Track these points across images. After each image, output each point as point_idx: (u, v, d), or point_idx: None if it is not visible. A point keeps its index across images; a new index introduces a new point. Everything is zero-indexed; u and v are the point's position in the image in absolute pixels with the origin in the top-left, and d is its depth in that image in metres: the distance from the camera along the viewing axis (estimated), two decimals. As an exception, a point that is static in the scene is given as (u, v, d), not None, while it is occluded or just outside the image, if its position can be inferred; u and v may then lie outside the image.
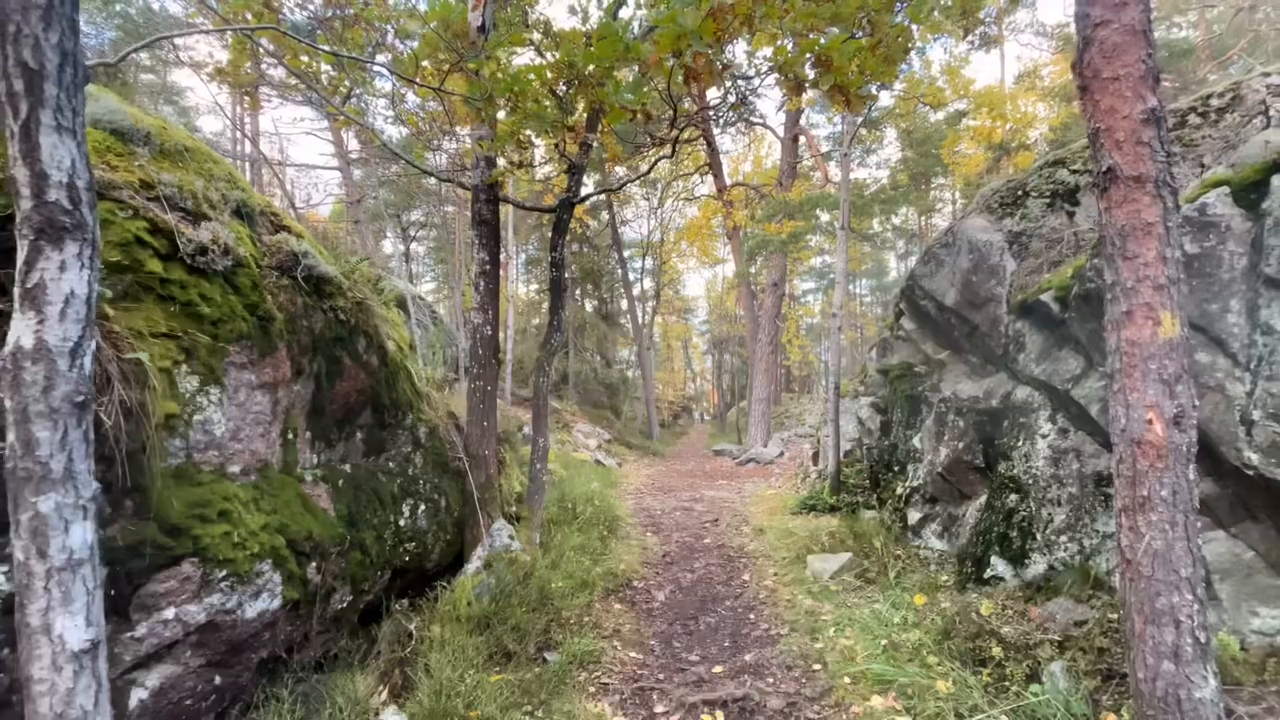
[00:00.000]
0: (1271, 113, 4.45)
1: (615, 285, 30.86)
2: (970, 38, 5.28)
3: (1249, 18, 15.41)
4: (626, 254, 29.97)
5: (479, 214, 5.53)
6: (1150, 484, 2.57)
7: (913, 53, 5.34)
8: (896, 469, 6.76)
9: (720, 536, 7.88)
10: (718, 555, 6.98)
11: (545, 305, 27.23)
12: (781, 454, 17.00)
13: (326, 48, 4.98)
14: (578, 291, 29.30)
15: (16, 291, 1.10)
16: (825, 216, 13.94)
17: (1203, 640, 2.54)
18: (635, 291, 31.14)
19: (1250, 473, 3.00)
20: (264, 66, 12.03)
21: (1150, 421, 2.56)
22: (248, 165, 17.69)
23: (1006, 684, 3.50)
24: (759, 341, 18.98)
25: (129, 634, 2.45)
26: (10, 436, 1.13)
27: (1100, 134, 2.68)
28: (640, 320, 29.76)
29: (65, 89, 1.09)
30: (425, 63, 4.89)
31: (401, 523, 4.40)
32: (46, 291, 1.08)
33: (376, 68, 5.93)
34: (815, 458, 11.18)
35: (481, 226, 5.50)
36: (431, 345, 7.00)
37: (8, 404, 1.08)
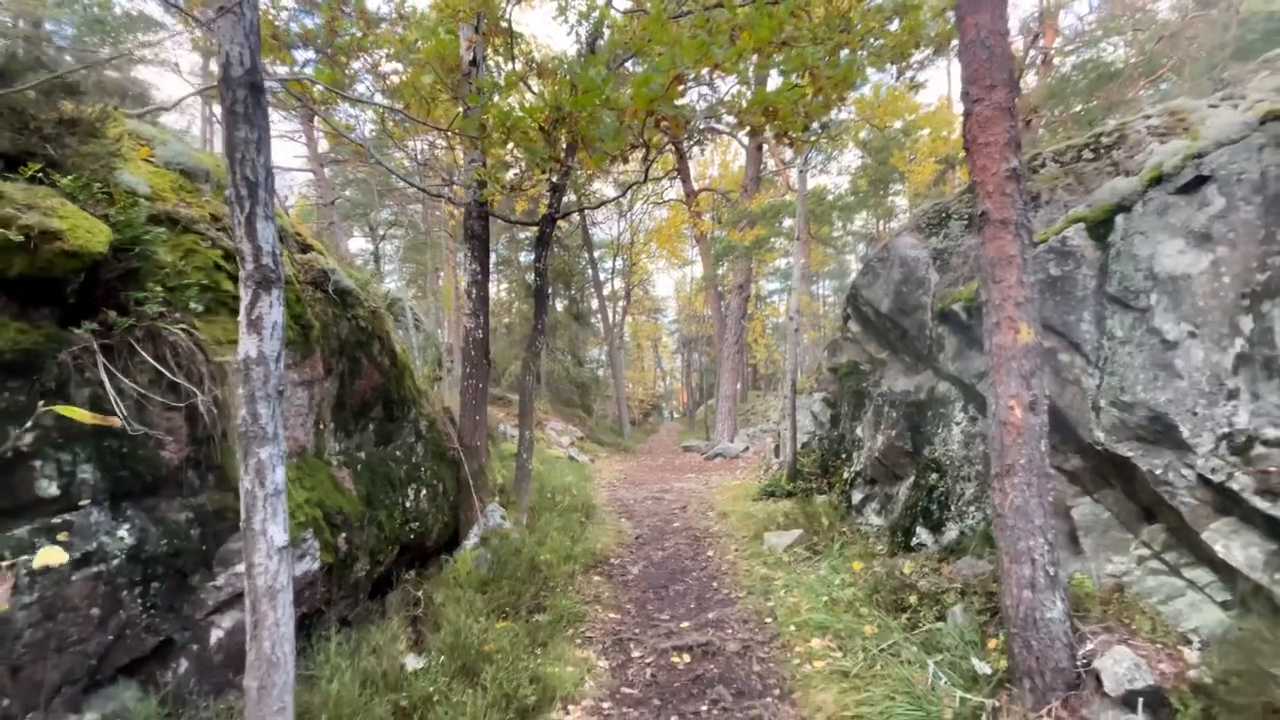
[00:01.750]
0: (1140, 153, 5.36)
1: (586, 285, 31.37)
2: (903, 79, 6.06)
3: (1173, 43, 16.79)
4: (597, 254, 30.52)
5: (470, 229, 6.12)
6: (1013, 455, 3.36)
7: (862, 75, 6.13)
8: (844, 457, 7.59)
9: (688, 521, 8.62)
10: (685, 536, 7.71)
11: (515, 306, 27.56)
12: (747, 449, 17.86)
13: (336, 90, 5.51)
14: (549, 291, 29.74)
15: (243, 321, 1.70)
16: (788, 222, 14.82)
17: (1052, 574, 3.34)
18: (606, 291, 31.69)
19: (1100, 449, 3.83)
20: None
21: (1012, 407, 3.35)
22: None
23: (919, 624, 4.28)
24: (726, 341, 19.81)
25: (211, 583, 3.03)
26: (243, 411, 1.73)
27: (977, 185, 3.46)
28: (611, 320, 30.36)
29: (268, 192, 1.68)
30: (426, 77, 5.45)
31: (407, 504, 4.99)
32: (262, 322, 1.69)
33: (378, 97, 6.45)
34: (776, 450, 12.01)
35: (473, 241, 6.10)
36: (421, 347, 7.56)
37: (240, 391, 1.67)
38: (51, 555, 1.39)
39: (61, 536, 2.32)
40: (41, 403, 2.29)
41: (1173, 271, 3.41)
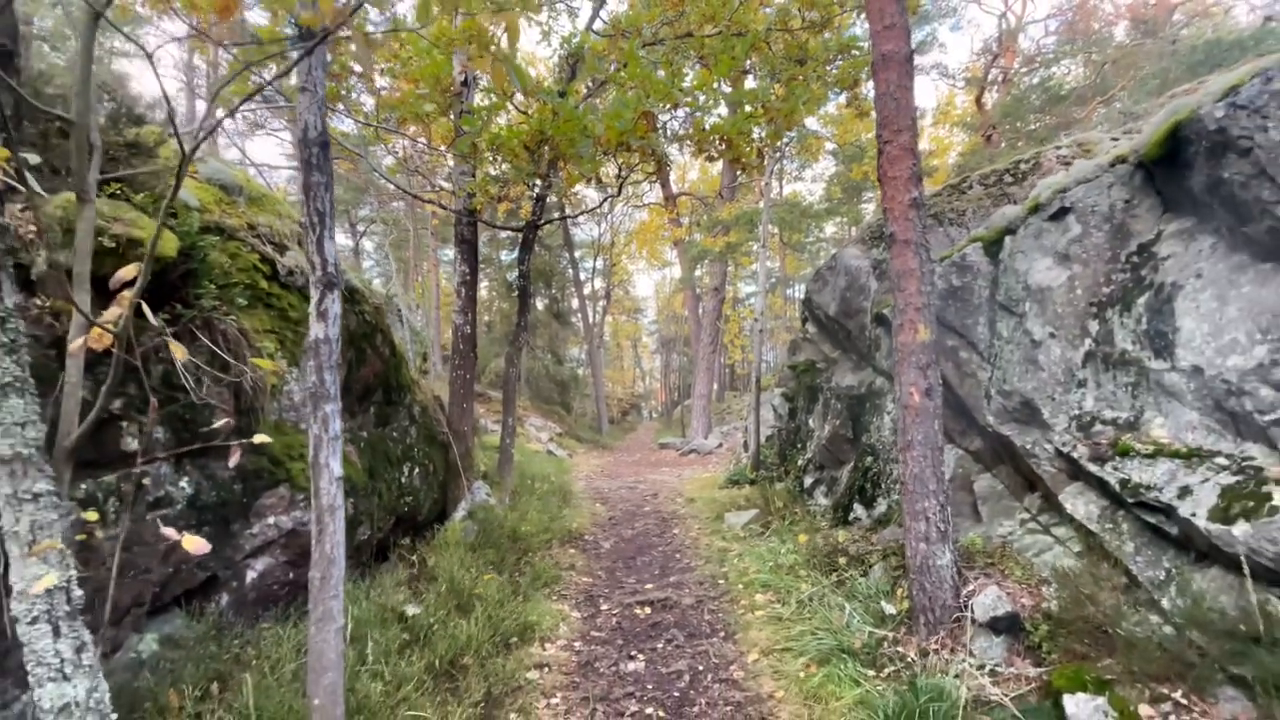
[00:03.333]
0: (1043, 178, 6.18)
1: (567, 285, 31.93)
2: (852, 105, 6.79)
3: (1120, 68, 17.92)
4: (578, 254, 31.10)
5: (460, 234, 6.75)
6: (912, 433, 4.11)
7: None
8: (799, 446, 8.35)
9: (658, 506, 9.32)
10: (654, 518, 8.41)
11: (495, 305, 27.97)
12: (720, 445, 18.64)
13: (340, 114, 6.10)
14: (532, 291, 30.24)
15: (313, 312, 2.33)
16: (761, 227, 15.61)
17: (943, 529, 4.09)
18: (586, 291, 32.29)
19: (990, 430, 4.60)
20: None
21: (912, 393, 4.10)
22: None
23: (846, 581, 5.03)
24: (701, 342, 20.58)
25: (248, 530, 3.64)
26: (312, 378, 2.36)
27: (887, 211, 4.21)
28: (591, 319, 30.94)
29: (332, 219, 2.31)
30: (427, 106, 6.06)
31: (403, 480, 5.61)
32: (327, 313, 2.32)
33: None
34: (746, 445, 12.78)
35: (462, 245, 6.73)
36: (411, 342, 8.14)
37: (311, 363, 2.32)
38: (189, 542, 1.93)
39: (146, 481, 2.93)
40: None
41: (1041, 284, 4.20)
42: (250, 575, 3.70)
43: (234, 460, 2.59)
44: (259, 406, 3.61)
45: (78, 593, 1.63)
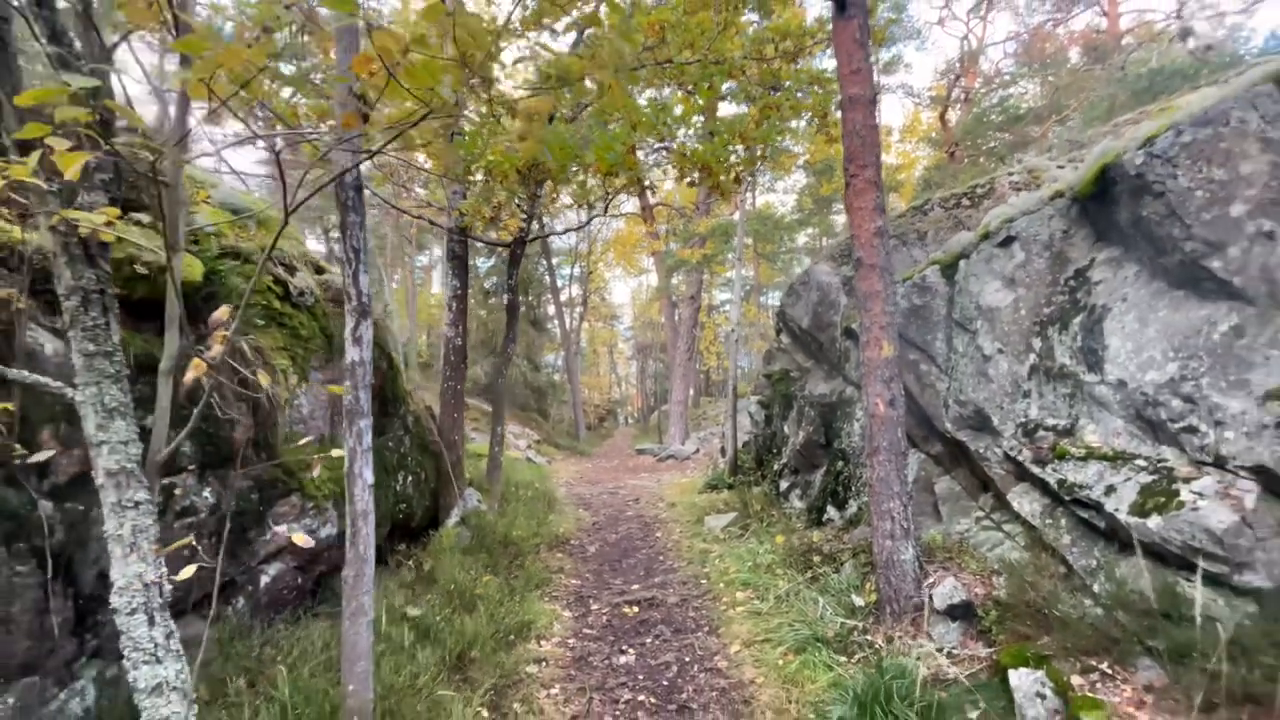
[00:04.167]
0: (993, 208, 6.69)
1: (544, 291, 32.11)
2: (823, 132, 7.24)
3: (1071, 90, 18.94)
4: (555, 261, 31.30)
5: (452, 250, 7.01)
6: (878, 439, 4.51)
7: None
8: (775, 451, 8.75)
9: (640, 510, 9.64)
10: (637, 522, 8.72)
11: (473, 312, 28.02)
12: (698, 450, 19.03)
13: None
14: (519, 304, 30.34)
15: (348, 337, 2.59)
16: (735, 239, 16.13)
17: (906, 527, 4.49)
18: (563, 298, 32.48)
19: (949, 436, 5.04)
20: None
21: (878, 404, 4.51)
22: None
23: (820, 577, 5.41)
24: (678, 349, 20.99)
25: (262, 538, 3.86)
26: (348, 397, 2.62)
27: (854, 238, 4.62)
28: (568, 326, 31.13)
29: (366, 254, 2.59)
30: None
31: (398, 487, 5.83)
32: (361, 339, 2.58)
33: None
34: (723, 451, 13.18)
35: (454, 260, 6.98)
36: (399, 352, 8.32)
37: (347, 383, 2.57)
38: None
39: (177, 491, 3.16)
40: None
41: (991, 304, 4.65)
42: (264, 580, 3.92)
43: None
44: (271, 421, 3.85)
45: (168, 587, 1.88)
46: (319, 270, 5.05)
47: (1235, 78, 5.04)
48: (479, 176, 5.75)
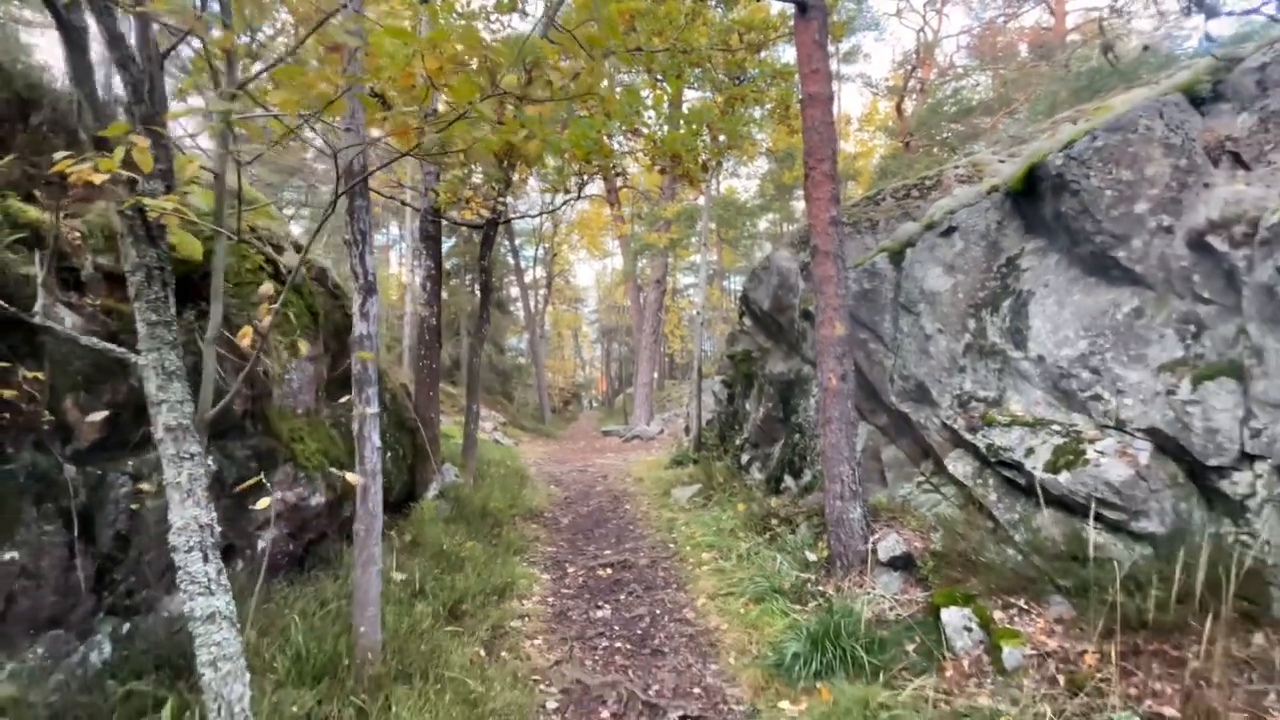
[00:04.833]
0: (951, 191, 7.20)
1: (506, 273, 31.93)
2: (784, 124, 7.63)
3: (1019, 85, 19.84)
4: (518, 242, 31.11)
5: (425, 230, 7.15)
6: (830, 410, 4.96)
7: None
8: (737, 428, 9.22)
9: (609, 486, 10.02)
10: (607, 496, 9.11)
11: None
12: (662, 431, 19.52)
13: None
14: (469, 278, 30.11)
15: (356, 312, 2.82)
16: (701, 224, 16.51)
17: (855, 489, 4.96)
18: (527, 279, 32.36)
19: (894, 408, 5.54)
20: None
21: (830, 378, 4.95)
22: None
23: (777, 538, 5.89)
24: (644, 332, 21.35)
25: (258, 505, 4.06)
26: (356, 366, 2.86)
27: (812, 227, 5.02)
28: (532, 308, 31.08)
29: (371, 235, 2.81)
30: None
31: (379, 462, 6.04)
32: (368, 314, 2.82)
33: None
34: (687, 430, 13.64)
35: (428, 241, 7.13)
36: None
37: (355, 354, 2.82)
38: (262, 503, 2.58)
39: (185, 458, 3.35)
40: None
41: (933, 289, 5.14)
42: (260, 544, 4.13)
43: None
44: (266, 394, 4.04)
45: (218, 528, 2.13)
46: (298, 249, 5.18)
47: (1165, 79, 5.59)
48: (460, 159, 5.91)
